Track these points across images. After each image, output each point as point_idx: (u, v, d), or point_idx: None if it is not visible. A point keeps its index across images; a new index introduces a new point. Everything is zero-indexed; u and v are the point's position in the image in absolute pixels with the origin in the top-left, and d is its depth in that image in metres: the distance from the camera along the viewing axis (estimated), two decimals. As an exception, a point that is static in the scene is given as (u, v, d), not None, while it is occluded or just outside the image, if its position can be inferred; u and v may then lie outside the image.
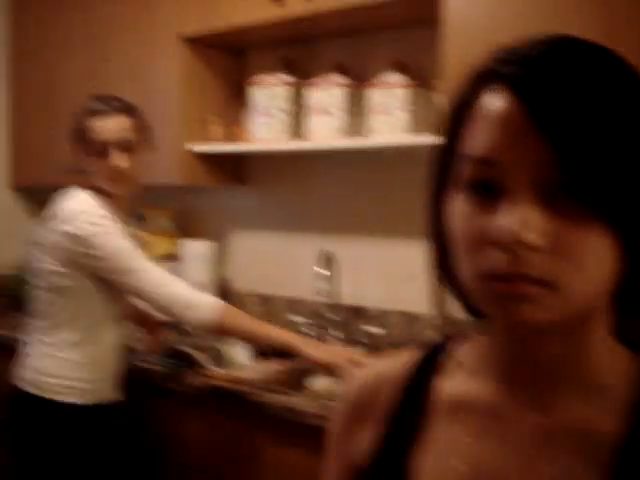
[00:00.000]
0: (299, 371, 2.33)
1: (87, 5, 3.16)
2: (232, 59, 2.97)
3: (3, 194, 3.66)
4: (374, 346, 2.58)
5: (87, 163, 2.19)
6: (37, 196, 3.67)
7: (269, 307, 2.95)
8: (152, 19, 2.85)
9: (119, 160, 2.14)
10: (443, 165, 0.69)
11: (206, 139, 2.83)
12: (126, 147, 2.16)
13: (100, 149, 2.14)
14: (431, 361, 0.78)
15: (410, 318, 2.55)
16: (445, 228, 0.68)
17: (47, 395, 2.15)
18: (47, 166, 3.34)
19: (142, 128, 2.25)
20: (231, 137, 2.86)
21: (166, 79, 2.80)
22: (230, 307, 2.22)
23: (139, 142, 2.21)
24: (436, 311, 0.75)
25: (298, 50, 2.80)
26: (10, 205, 3.70)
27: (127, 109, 2.20)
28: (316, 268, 2.63)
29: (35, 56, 3.47)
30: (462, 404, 0.72)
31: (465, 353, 0.76)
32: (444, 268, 0.71)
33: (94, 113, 2.17)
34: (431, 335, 2.35)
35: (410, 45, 2.51)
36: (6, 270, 3.55)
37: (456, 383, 0.74)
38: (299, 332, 2.70)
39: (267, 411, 2.10)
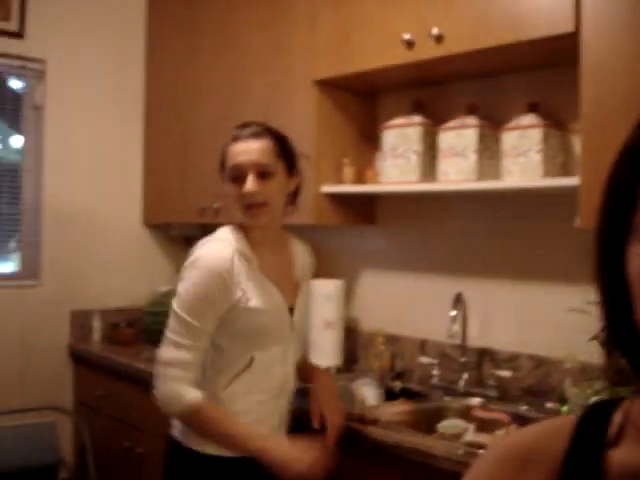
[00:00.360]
0: (429, 412, 2.31)
1: (219, 51, 3.28)
2: (364, 101, 3.02)
3: (137, 231, 3.82)
4: (503, 389, 2.54)
5: (227, 191, 2.07)
6: (169, 233, 3.84)
7: (396, 347, 2.94)
8: (286, 64, 2.93)
9: (251, 184, 1.99)
10: (617, 214, 0.66)
11: (338, 180, 2.87)
12: (260, 171, 2.01)
13: (234, 174, 2.04)
14: (594, 427, 0.71)
15: (540, 362, 2.50)
16: (620, 278, 0.65)
17: (192, 445, 2.00)
18: (179, 204, 3.48)
19: (283, 154, 2.09)
20: (361, 178, 2.89)
21: (299, 122, 2.85)
22: (206, 410, 1.95)
23: (277, 167, 2.05)
24: (603, 360, 0.73)
25: (429, 92, 2.82)
26: (143, 241, 3.85)
27: (265, 133, 2.06)
28: (449, 311, 2.60)
29: (168, 101, 3.63)
30: (636, 474, 0.66)
31: (634, 417, 0.70)
32: (615, 320, 0.68)
33: (232, 139, 2.08)
34: (563, 380, 2.29)
35: (544, 86, 2.49)
36: (139, 303, 3.69)
37: (626, 450, 0.67)
38: (428, 374, 2.70)
39: (399, 453, 2.07)
